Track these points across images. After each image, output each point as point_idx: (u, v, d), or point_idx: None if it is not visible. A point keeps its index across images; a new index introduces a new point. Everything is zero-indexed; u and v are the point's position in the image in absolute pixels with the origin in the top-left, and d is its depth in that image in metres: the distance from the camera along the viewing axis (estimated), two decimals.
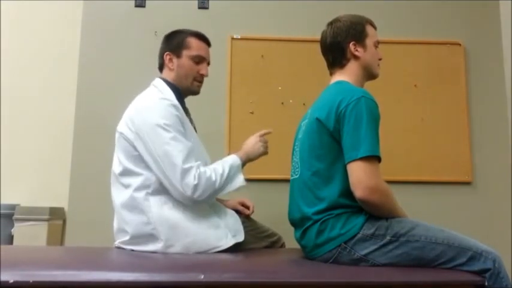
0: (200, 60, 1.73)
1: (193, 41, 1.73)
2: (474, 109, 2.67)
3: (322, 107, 1.49)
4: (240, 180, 1.61)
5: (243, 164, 1.67)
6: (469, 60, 2.71)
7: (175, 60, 1.72)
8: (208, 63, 1.78)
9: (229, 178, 1.58)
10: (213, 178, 1.52)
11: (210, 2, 2.68)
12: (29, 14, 2.96)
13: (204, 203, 1.56)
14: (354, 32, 1.57)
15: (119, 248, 1.61)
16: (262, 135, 1.76)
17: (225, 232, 1.57)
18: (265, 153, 1.75)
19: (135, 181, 1.55)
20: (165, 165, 1.49)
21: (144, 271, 1.24)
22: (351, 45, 1.56)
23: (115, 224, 1.63)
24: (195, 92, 1.77)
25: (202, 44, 1.75)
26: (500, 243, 2.46)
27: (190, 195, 1.48)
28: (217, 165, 1.59)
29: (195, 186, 1.48)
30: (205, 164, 1.66)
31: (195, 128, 1.79)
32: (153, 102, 1.58)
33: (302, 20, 2.68)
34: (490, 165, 2.62)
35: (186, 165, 1.48)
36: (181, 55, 1.72)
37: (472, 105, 2.67)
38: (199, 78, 1.74)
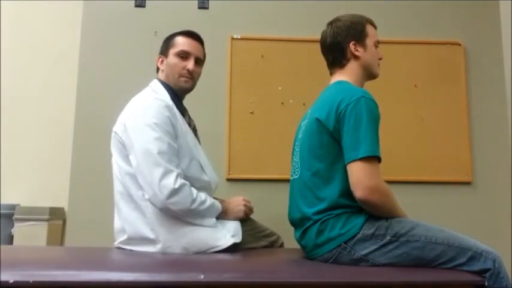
0: (186, 55, 1.72)
1: (178, 39, 1.74)
2: (474, 109, 2.67)
3: (322, 107, 1.49)
4: (210, 222, 1.56)
5: (219, 215, 1.63)
6: (469, 60, 2.71)
7: (165, 60, 1.74)
8: (199, 59, 1.76)
9: (204, 212, 1.54)
10: (194, 196, 1.50)
11: (210, 2, 2.68)
12: (28, 14, 2.96)
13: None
14: (354, 32, 1.57)
15: (118, 248, 1.61)
16: (248, 202, 1.75)
17: (223, 232, 1.57)
18: (242, 217, 1.71)
19: (132, 181, 1.54)
20: (145, 163, 1.48)
21: (144, 271, 1.23)
22: (351, 45, 1.56)
23: (115, 223, 1.63)
24: (185, 88, 1.74)
25: (187, 40, 1.74)
26: (500, 243, 2.46)
27: (165, 198, 1.45)
28: (203, 193, 1.57)
29: (174, 191, 1.46)
30: (201, 165, 1.66)
31: (194, 128, 1.78)
32: (147, 102, 1.59)
33: (302, 20, 2.68)
34: (490, 165, 2.62)
35: (169, 166, 1.48)
36: (168, 54, 1.74)
37: (472, 105, 2.67)
38: (186, 74, 1.71)
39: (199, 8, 2.67)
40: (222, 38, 2.60)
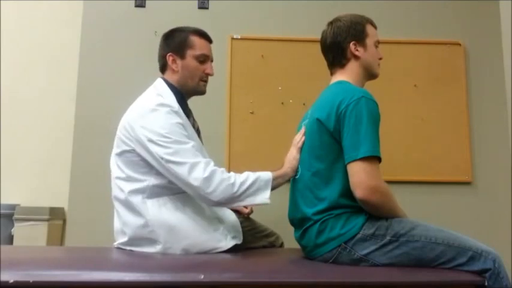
0: (205, 59, 1.68)
1: (196, 40, 1.68)
2: (474, 109, 2.67)
3: (322, 107, 1.49)
4: (263, 196, 1.48)
5: (279, 181, 1.55)
6: (469, 60, 2.71)
7: (179, 61, 1.66)
8: (212, 61, 1.74)
9: (251, 190, 1.46)
10: (232, 180, 1.44)
11: (210, 2, 2.68)
12: (29, 14, 2.96)
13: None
14: (354, 32, 1.56)
15: (118, 248, 1.61)
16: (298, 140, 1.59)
17: (224, 234, 1.56)
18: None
19: (132, 186, 1.53)
20: (173, 169, 1.45)
21: (144, 271, 1.24)
22: (351, 45, 1.56)
23: (115, 224, 1.63)
24: (202, 92, 1.72)
25: (205, 42, 1.70)
26: (500, 243, 2.46)
27: (202, 192, 1.41)
28: (244, 173, 1.50)
29: (205, 180, 1.41)
30: None
31: (198, 129, 1.76)
32: (152, 109, 1.53)
33: (302, 20, 2.68)
34: (490, 165, 2.62)
35: (193, 160, 1.44)
36: (185, 55, 1.66)
37: (472, 105, 2.67)
38: (205, 78, 1.70)
39: (199, 8, 2.67)
40: (222, 38, 2.60)
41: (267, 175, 1.53)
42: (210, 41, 1.74)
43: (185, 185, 1.46)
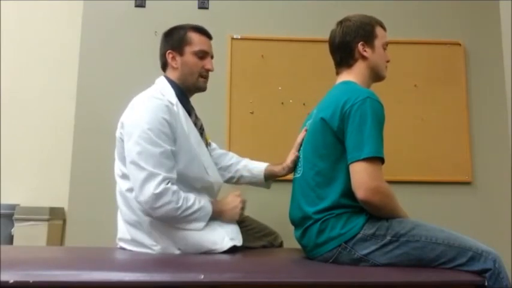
0: (204, 55, 1.68)
1: (194, 36, 1.68)
2: (474, 109, 2.67)
3: (327, 106, 1.48)
4: (197, 226, 1.50)
5: (212, 217, 1.56)
6: (469, 60, 2.71)
7: (178, 58, 1.67)
8: (212, 57, 1.73)
9: (191, 217, 1.48)
10: (179, 204, 1.44)
11: (210, 2, 2.68)
12: (29, 14, 2.96)
13: None
14: (363, 33, 1.56)
15: (119, 248, 1.61)
16: (244, 203, 1.65)
17: (221, 235, 1.54)
18: (237, 219, 1.63)
19: (128, 183, 1.53)
20: (133, 167, 1.45)
21: (144, 271, 1.24)
22: (360, 46, 1.55)
23: (119, 223, 1.63)
24: (202, 88, 1.72)
25: (203, 38, 1.70)
26: (500, 243, 2.46)
27: (145, 204, 1.41)
28: (192, 197, 1.50)
29: (155, 196, 1.41)
30: (204, 166, 1.62)
31: (201, 127, 1.75)
32: (142, 102, 1.55)
33: (302, 20, 2.68)
34: (490, 165, 2.62)
35: (152, 169, 1.42)
36: (184, 52, 1.67)
37: (472, 105, 2.67)
38: (205, 74, 1.70)
39: (199, 8, 2.67)
40: (222, 38, 2.60)
41: (208, 208, 1.53)
42: (209, 37, 1.74)
43: (135, 191, 1.45)
